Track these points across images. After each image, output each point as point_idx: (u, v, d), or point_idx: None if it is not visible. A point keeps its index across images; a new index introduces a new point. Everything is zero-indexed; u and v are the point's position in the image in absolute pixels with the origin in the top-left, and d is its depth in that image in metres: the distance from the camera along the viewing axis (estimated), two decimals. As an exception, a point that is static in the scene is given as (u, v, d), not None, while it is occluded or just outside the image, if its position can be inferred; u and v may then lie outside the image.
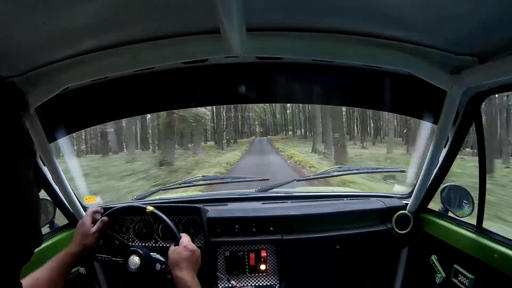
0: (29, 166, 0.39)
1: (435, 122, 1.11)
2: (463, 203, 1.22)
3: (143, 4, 0.65)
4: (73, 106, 1.13)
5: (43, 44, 0.75)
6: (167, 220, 1.16)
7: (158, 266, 1.19)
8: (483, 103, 1.08)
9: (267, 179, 1.71)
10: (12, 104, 0.37)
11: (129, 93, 1.16)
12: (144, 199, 1.62)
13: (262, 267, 1.32)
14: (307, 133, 30.58)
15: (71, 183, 1.31)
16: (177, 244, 1.17)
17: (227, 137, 25.32)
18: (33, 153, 0.40)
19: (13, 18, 0.59)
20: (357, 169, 1.89)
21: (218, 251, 1.33)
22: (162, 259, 1.21)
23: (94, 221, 1.15)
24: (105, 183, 8.58)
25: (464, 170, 6.62)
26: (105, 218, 1.17)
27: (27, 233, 0.39)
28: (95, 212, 1.18)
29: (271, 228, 1.33)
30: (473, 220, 1.11)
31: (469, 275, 1.05)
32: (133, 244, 1.31)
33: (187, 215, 1.34)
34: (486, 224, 1.06)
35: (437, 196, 1.34)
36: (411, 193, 1.41)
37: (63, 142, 1.51)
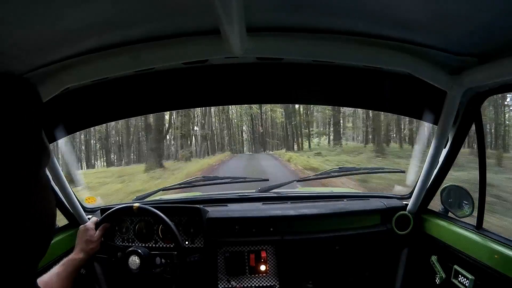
0: (46, 166, 0.39)
1: (435, 122, 1.11)
2: (463, 204, 1.22)
3: (143, 4, 0.65)
4: (73, 106, 1.13)
5: (43, 44, 0.75)
6: (157, 212, 1.19)
7: (157, 265, 1.20)
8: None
9: (267, 180, 1.71)
10: (29, 102, 0.36)
11: (129, 93, 1.16)
12: (144, 200, 1.62)
13: (262, 267, 1.32)
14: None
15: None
16: (177, 244, 1.18)
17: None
18: (49, 153, 0.39)
19: (13, 18, 0.59)
20: (357, 170, 1.90)
21: (218, 252, 1.33)
22: (162, 260, 1.21)
23: (96, 227, 1.18)
24: None
25: None
26: (107, 224, 1.18)
27: (47, 231, 0.39)
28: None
29: (271, 229, 1.33)
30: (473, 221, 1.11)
31: (469, 276, 1.05)
32: (133, 244, 1.31)
33: (187, 216, 1.34)
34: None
35: (437, 197, 1.34)
36: (411, 193, 1.41)
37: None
